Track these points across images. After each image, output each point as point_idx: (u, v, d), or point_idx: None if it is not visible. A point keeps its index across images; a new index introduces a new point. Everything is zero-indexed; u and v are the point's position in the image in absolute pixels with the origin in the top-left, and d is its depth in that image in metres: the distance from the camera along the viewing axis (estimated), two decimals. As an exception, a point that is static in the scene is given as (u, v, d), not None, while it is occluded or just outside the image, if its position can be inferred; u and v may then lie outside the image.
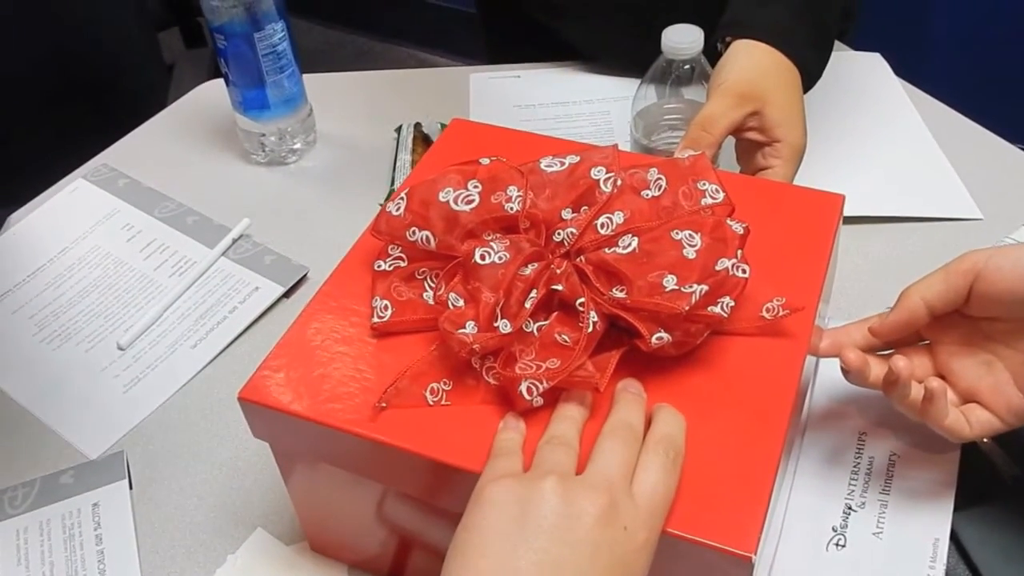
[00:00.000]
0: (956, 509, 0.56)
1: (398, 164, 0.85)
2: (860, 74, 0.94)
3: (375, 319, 0.50)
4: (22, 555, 0.62)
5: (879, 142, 0.86)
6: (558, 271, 0.48)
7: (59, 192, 0.89)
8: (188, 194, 0.88)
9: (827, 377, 0.60)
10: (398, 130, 0.90)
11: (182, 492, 0.64)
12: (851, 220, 0.68)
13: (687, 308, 0.43)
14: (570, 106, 0.94)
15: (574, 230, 0.49)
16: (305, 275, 0.79)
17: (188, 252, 0.82)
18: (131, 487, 0.65)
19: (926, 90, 0.93)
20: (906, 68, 0.96)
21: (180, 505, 0.64)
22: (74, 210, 0.87)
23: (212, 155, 0.69)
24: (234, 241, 0.82)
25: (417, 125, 0.90)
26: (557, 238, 0.49)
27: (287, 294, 0.78)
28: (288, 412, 0.47)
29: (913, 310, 0.52)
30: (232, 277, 0.80)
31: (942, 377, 0.53)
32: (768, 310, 0.47)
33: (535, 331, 0.47)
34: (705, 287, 0.44)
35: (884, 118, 0.89)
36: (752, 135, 0.67)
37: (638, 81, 0.77)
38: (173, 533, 0.62)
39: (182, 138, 0.94)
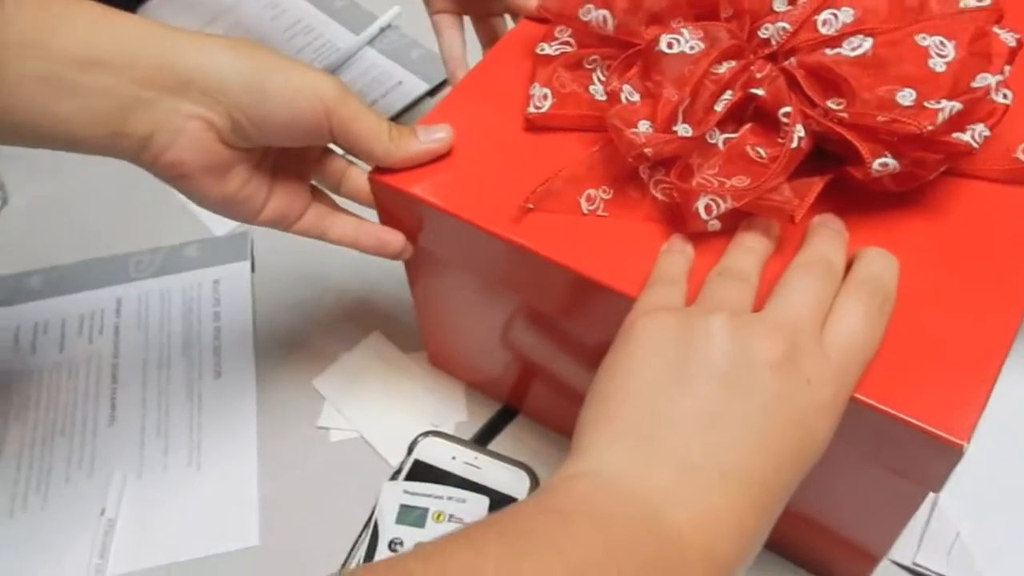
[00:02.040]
0: None
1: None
2: None
3: (531, 109, 0.43)
4: (142, 320, 0.61)
5: None
6: (759, 75, 0.39)
7: (208, -40, 0.84)
8: (339, -28, 0.81)
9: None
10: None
11: (303, 282, 0.61)
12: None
13: (930, 128, 0.34)
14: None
15: (787, 25, 0.39)
16: (453, 72, 0.72)
17: (332, 36, 0.77)
18: (253, 270, 0.63)
19: None
20: None
21: (300, 295, 0.61)
22: (221, -20, 0.83)
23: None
24: (381, 30, 0.76)
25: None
26: (764, 34, 0.40)
27: (431, 92, 0.72)
28: (422, 200, 0.41)
29: None
30: (376, 67, 0.74)
31: None
32: (1025, 151, 0.37)
33: (720, 144, 0.39)
34: (957, 104, 0.34)
35: None
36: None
37: None
38: (290, 322, 0.60)
39: (339, -88, 0.87)
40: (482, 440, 0.53)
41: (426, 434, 0.51)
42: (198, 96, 0.39)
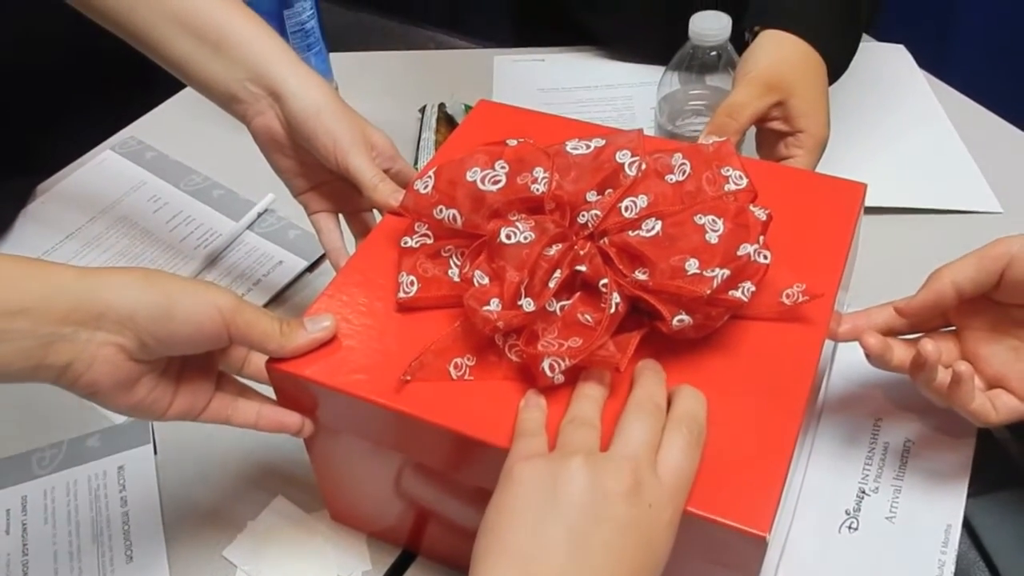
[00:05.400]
0: (970, 496, 0.56)
1: (421, 143, 0.86)
2: (884, 65, 0.94)
3: (401, 294, 0.51)
4: (49, 514, 0.63)
5: (901, 133, 0.86)
6: (582, 252, 0.49)
7: (88, 163, 0.90)
8: (214, 168, 0.89)
9: (845, 362, 0.60)
10: (422, 110, 0.91)
11: (206, 458, 0.66)
12: (871, 210, 0.68)
13: (708, 292, 0.44)
14: (593, 90, 0.95)
15: (598, 212, 0.50)
16: (328, 250, 0.80)
17: (213, 224, 0.83)
18: (156, 452, 0.66)
19: (949, 83, 0.93)
20: (929, 60, 0.96)
21: (203, 471, 0.65)
22: (102, 181, 0.89)
23: (238, 129, 0.71)
24: (259, 215, 0.84)
25: (441, 106, 0.90)
26: (582, 220, 0.50)
27: (310, 268, 0.79)
28: (314, 382, 0.49)
29: (942, 292, 0.52)
30: (257, 250, 0.81)
31: (968, 362, 0.54)
32: (788, 296, 0.48)
33: (558, 311, 0.48)
34: (727, 271, 0.45)
35: (906, 109, 0.89)
36: (776, 124, 0.67)
37: (660, 68, 0.78)
38: (196, 497, 0.64)
39: (209, 112, 0.93)
40: (386, 585, 0.58)
41: (335, 586, 0.56)
42: (110, 326, 0.45)
